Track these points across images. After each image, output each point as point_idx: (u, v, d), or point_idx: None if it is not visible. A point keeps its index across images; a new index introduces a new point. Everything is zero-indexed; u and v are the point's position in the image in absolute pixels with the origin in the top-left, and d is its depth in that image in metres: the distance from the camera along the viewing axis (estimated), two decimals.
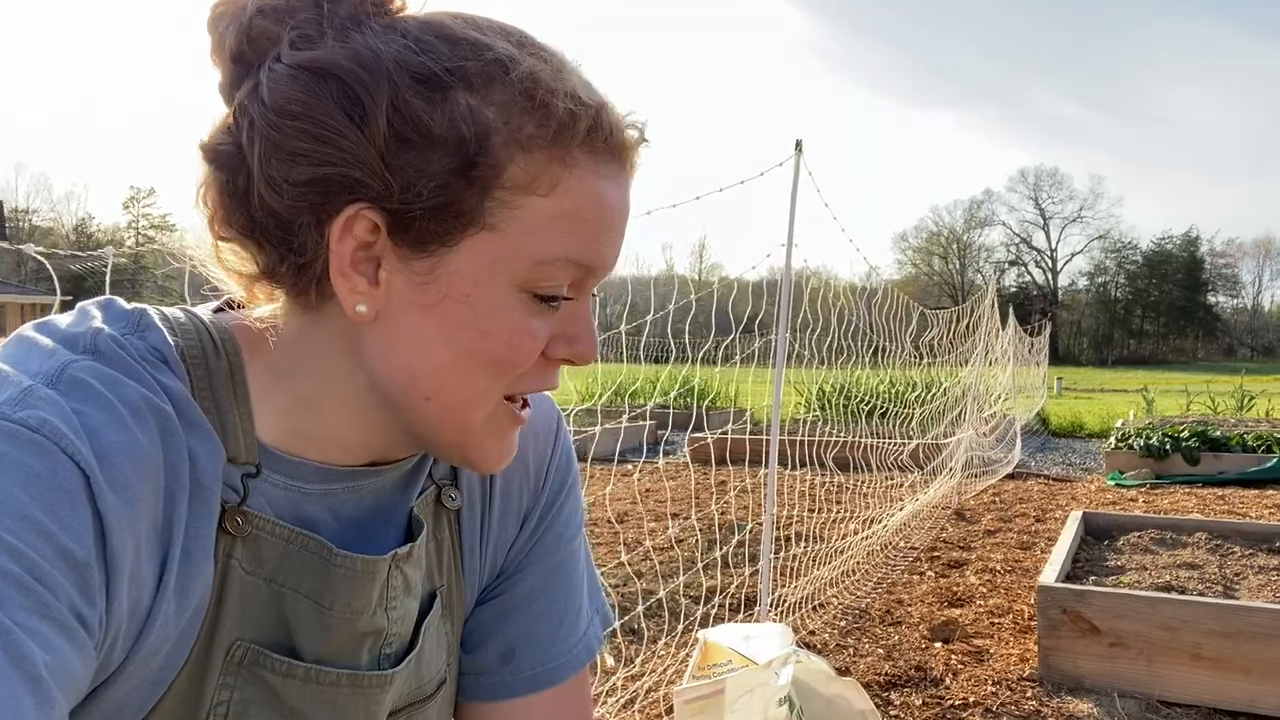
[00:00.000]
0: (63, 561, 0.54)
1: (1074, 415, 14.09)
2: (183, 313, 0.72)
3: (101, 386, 0.61)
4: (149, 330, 0.68)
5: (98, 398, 0.60)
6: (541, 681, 0.85)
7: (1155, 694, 3.02)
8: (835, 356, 4.48)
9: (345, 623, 0.72)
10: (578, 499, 0.92)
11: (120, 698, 0.62)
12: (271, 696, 0.69)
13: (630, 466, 7.01)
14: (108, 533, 0.57)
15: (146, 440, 0.61)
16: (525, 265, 0.65)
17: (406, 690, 0.79)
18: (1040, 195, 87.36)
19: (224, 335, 0.71)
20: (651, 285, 3.82)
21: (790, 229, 3.13)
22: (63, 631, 0.53)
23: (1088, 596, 3.15)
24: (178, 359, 0.67)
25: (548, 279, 0.66)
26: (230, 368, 0.70)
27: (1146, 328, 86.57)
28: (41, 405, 0.57)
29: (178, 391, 0.65)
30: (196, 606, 0.65)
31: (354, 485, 0.74)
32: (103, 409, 0.60)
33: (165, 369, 0.66)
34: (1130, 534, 4.45)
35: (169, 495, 0.62)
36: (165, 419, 0.63)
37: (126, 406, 0.61)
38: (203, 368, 0.68)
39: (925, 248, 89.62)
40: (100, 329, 0.65)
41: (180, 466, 0.63)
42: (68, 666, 0.53)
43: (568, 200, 0.64)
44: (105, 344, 0.64)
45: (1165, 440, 8.51)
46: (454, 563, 0.83)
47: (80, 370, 0.61)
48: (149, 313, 0.70)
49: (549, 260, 0.65)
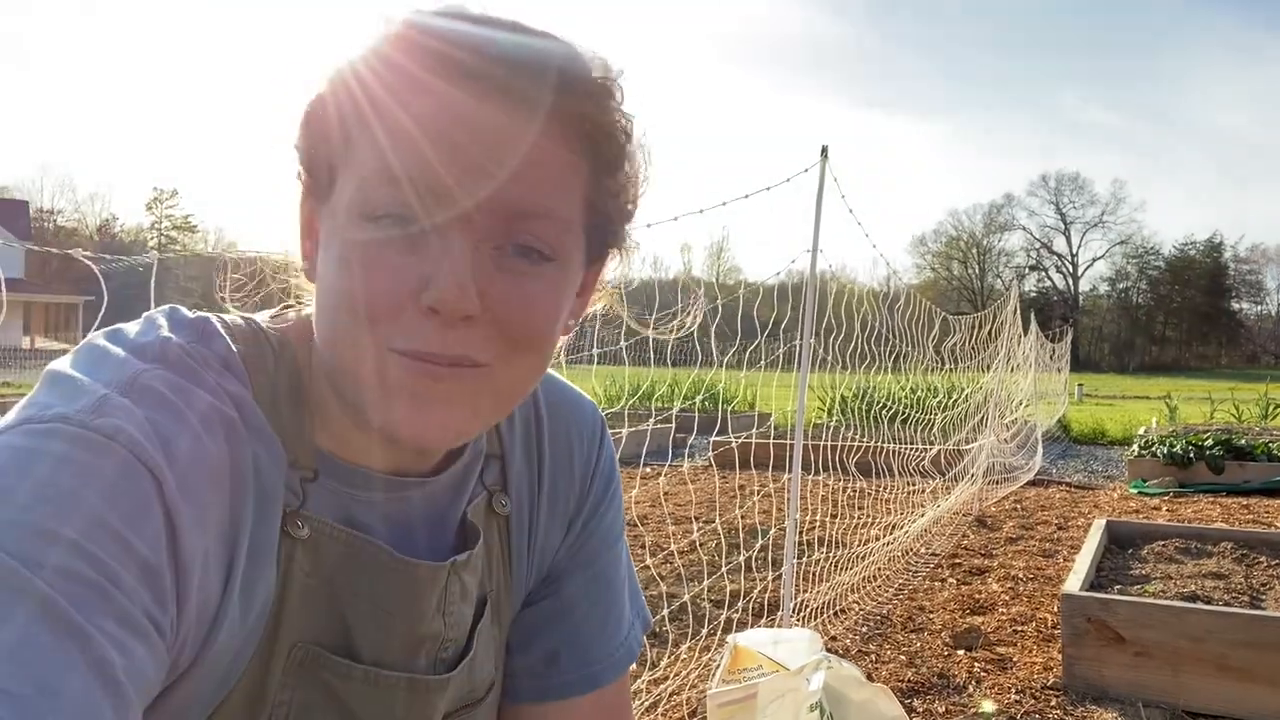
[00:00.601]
0: (137, 567, 0.55)
1: (1096, 422, 13.98)
2: (243, 320, 0.74)
3: (172, 395, 0.63)
4: (213, 338, 0.70)
5: (169, 406, 0.62)
6: (585, 684, 0.87)
7: (1181, 704, 3.00)
8: (858, 362, 4.47)
9: (405, 627, 0.74)
10: (619, 503, 0.93)
11: (187, 697, 0.64)
12: (331, 698, 0.71)
13: (652, 469, 7.02)
14: (179, 538, 0.58)
15: (215, 448, 0.63)
16: (355, 188, 0.64)
17: (460, 694, 0.81)
18: (1061, 200, 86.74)
19: (282, 341, 0.73)
20: (677, 289, 3.82)
21: (815, 235, 3.13)
22: (138, 635, 0.54)
23: (1113, 605, 3.13)
24: (240, 366, 0.69)
25: (371, 200, 0.63)
26: (289, 374, 0.72)
27: (1169, 334, 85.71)
28: (117, 413, 0.59)
29: (243, 398, 0.67)
30: (261, 609, 0.66)
31: (403, 495, 0.75)
32: (173, 417, 0.62)
33: (230, 376, 0.68)
34: (1155, 543, 4.42)
35: (235, 500, 0.64)
36: (232, 426, 0.65)
37: (196, 414, 0.63)
38: (263, 374, 0.70)
39: (944, 252, 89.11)
40: (169, 338, 0.67)
41: (246, 472, 0.65)
42: (143, 669, 0.54)
43: (391, 117, 0.63)
44: (174, 353, 0.66)
45: (1189, 448, 8.43)
46: (503, 568, 0.84)
47: (151, 379, 0.63)
48: (212, 320, 0.72)
49: (367, 176, 0.63)
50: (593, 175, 0.68)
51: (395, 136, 0.62)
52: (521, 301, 0.65)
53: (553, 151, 0.64)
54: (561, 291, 0.68)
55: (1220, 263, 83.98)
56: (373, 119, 0.63)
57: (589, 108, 0.66)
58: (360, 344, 0.64)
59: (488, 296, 0.63)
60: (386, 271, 0.62)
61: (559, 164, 0.65)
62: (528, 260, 0.65)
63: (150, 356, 0.65)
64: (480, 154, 0.62)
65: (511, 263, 0.65)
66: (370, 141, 0.63)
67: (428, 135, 0.61)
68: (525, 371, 0.69)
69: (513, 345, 0.66)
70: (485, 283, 0.63)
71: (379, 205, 0.62)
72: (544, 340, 0.68)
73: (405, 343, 0.63)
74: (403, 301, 0.62)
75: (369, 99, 0.63)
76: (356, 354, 0.64)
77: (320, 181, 0.68)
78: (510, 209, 0.63)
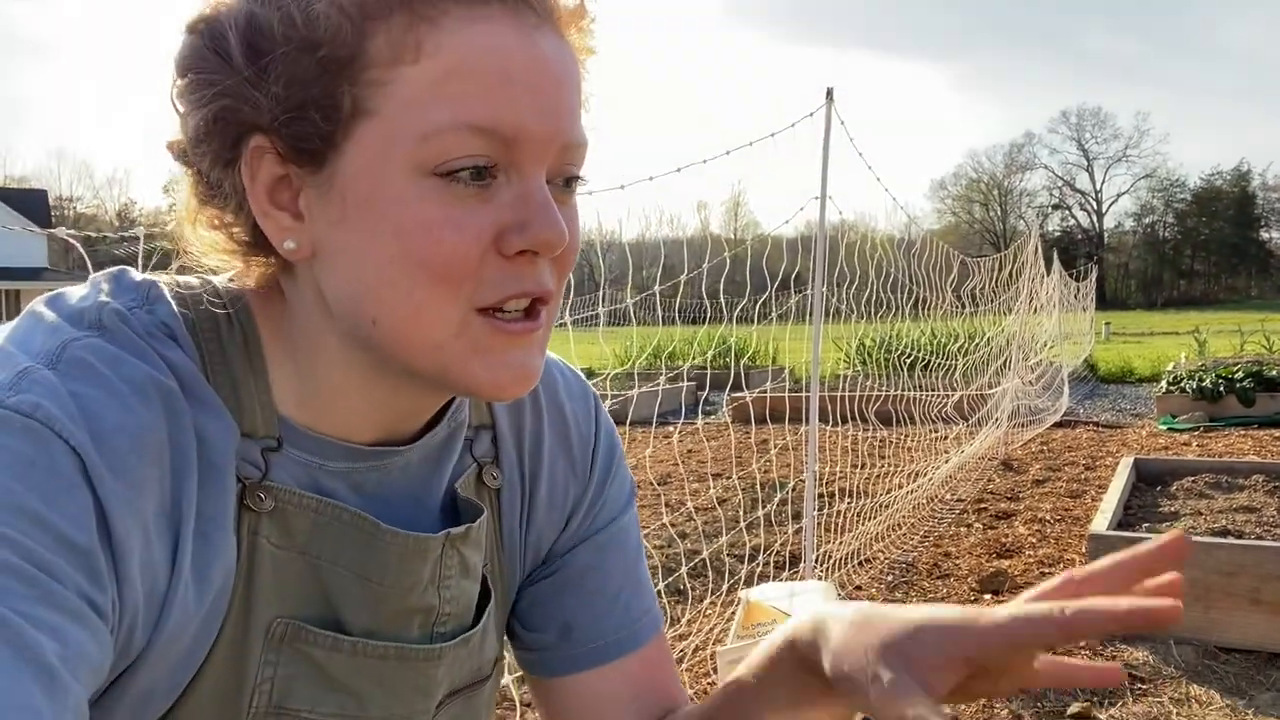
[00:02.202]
0: (64, 549, 0.53)
1: (1123, 360, 13.82)
2: (198, 282, 0.70)
3: (103, 365, 0.59)
4: (158, 303, 0.66)
5: (98, 377, 0.58)
6: (604, 654, 0.84)
7: (1213, 639, 2.96)
8: (875, 310, 4.41)
9: (394, 597, 0.71)
10: (624, 476, 0.90)
11: (149, 682, 0.62)
12: (317, 671, 0.68)
13: (670, 428, 7.01)
14: (109, 517, 0.55)
15: (150, 420, 0.59)
16: (413, 143, 0.57)
17: (467, 671, 0.79)
18: (1083, 135, 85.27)
19: (238, 304, 0.69)
20: (685, 246, 3.77)
21: (824, 180, 3.06)
22: (74, 618, 0.52)
23: (1141, 544, 3.08)
24: (186, 332, 0.65)
25: (444, 154, 0.58)
26: (245, 339, 0.67)
27: (1197, 267, 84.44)
28: (35, 389, 0.56)
29: (184, 367, 0.63)
30: (220, 587, 0.63)
31: (378, 464, 0.72)
32: (103, 389, 0.58)
33: (172, 344, 0.64)
34: (1184, 479, 4.36)
35: (176, 477, 0.60)
36: (170, 397, 0.61)
37: (129, 385, 0.59)
38: (215, 340, 0.66)
39: (965, 195, 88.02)
40: (106, 303, 0.63)
41: (187, 445, 0.61)
42: (83, 652, 0.52)
43: (441, 59, 0.57)
44: (110, 319, 0.62)
45: (1219, 381, 8.31)
46: (495, 542, 0.81)
47: (82, 349, 0.59)
48: (159, 284, 0.68)
49: (436, 131, 0.57)
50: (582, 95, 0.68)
51: (460, 71, 0.57)
52: (573, 230, 0.65)
53: (579, 74, 0.64)
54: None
55: (1248, 192, 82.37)
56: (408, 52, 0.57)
57: (590, 28, 0.66)
58: (442, 310, 0.60)
59: None
60: (467, 229, 0.59)
61: (581, 88, 0.65)
62: (568, 190, 0.65)
63: (86, 323, 0.62)
64: (550, 86, 0.60)
65: (560, 193, 0.64)
66: (414, 80, 0.57)
67: (499, 69, 0.58)
68: (559, 305, 0.69)
69: (561, 275, 0.66)
70: None
71: (452, 157, 0.58)
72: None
73: (495, 294, 0.61)
74: (483, 254, 0.60)
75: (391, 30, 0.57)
76: (439, 321, 0.61)
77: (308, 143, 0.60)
78: (574, 143, 0.63)
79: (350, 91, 0.58)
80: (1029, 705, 2.61)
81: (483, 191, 0.59)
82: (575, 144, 0.63)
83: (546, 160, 0.61)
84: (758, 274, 3.15)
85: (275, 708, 0.67)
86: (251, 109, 0.59)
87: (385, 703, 0.72)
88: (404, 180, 0.58)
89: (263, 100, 0.59)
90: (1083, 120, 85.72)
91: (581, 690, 0.84)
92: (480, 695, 0.82)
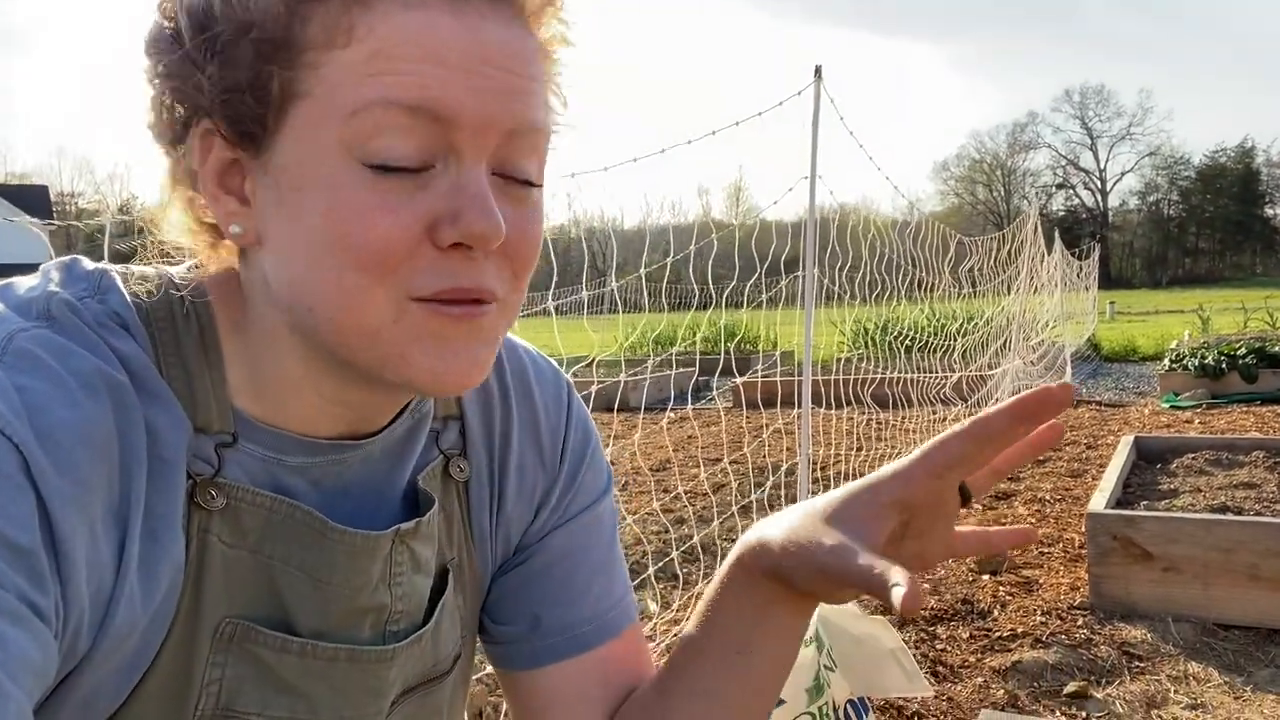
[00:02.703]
0: (5, 550, 0.51)
1: (1127, 339, 13.76)
2: (153, 270, 0.68)
3: (49, 358, 0.57)
4: (109, 292, 0.64)
5: (44, 370, 0.56)
6: (573, 646, 0.82)
7: (1211, 617, 2.94)
8: (870, 291, 4.38)
9: (344, 597, 0.69)
10: (599, 467, 0.88)
11: (94, 684, 0.60)
12: (266, 673, 0.66)
13: (667, 413, 7.00)
14: (53, 517, 0.53)
15: (97, 415, 0.57)
16: (341, 122, 0.56)
17: (421, 668, 0.76)
18: (1086, 114, 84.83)
19: (196, 295, 0.66)
20: (671, 231, 3.75)
21: (813, 160, 3.03)
22: (15, 621, 0.50)
23: (1139, 522, 3.07)
24: (139, 323, 0.63)
25: (373, 135, 0.56)
26: (201, 330, 0.65)
27: (1201, 245, 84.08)
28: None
29: (136, 358, 0.61)
30: (169, 587, 0.61)
31: (337, 459, 0.70)
32: (49, 382, 0.56)
33: (123, 334, 0.62)
34: (1184, 456, 4.33)
35: (124, 473, 0.58)
36: (120, 390, 0.59)
37: (76, 378, 0.57)
38: (170, 331, 0.64)
39: (968, 176, 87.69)
40: (55, 293, 0.61)
41: (136, 441, 0.59)
42: (25, 657, 0.50)
43: (372, 40, 0.55)
44: (59, 309, 0.60)
45: (1221, 358, 8.26)
46: (464, 534, 0.79)
47: (28, 340, 0.57)
48: (111, 273, 0.66)
49: (363, 110, 0.55)
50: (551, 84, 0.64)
51: (391, 52, 0.55)
52: (526, 227, 0.62)
53: (538, 59, 0.61)
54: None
55: (1252, 169, 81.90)
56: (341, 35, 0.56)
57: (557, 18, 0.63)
58: (373, 297, 0.58)
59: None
60: (398, 214, 0.57)
61: (541, 73, 0.61)
62: (518, 183, 0.62)
63: (34, 314, 0.60)
64: (491, 69, 0.57)
65: (508, 187, 0.61)
66: (347, 62, 0.56)
67: (432, 49, 0.56)
68: (519, 302, 0.66)
69: (516, 273, 0.63)
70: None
71: (379, 138, 0.56)
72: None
73: (428, 286, 0.58)
74: (416, 243, 0.57)
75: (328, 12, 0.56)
76: (371, 309, 0.58)
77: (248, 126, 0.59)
78: (520, 128, 0.59)
79: (281, 74, 0.56)
80: (1025, 685, 2.60)
81: (417, 177, 0.57)
82: (523, 131, 0.60)
83: (487, 148, 0.58)
84: (752, 257, 3.13)
85: (223, 710, 0.65)
86: (195, 91, 0.58)
87: (336, 704, 0.70)
88: (334, 162, 0.56)
89: (204, 82, 0.58)
90: (1086, 98, 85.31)
91: (550, 683, 0.82)
92: (439, 692, 0.80)
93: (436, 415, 0.77)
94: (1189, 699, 2.48)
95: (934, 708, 2.47)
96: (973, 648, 2.87)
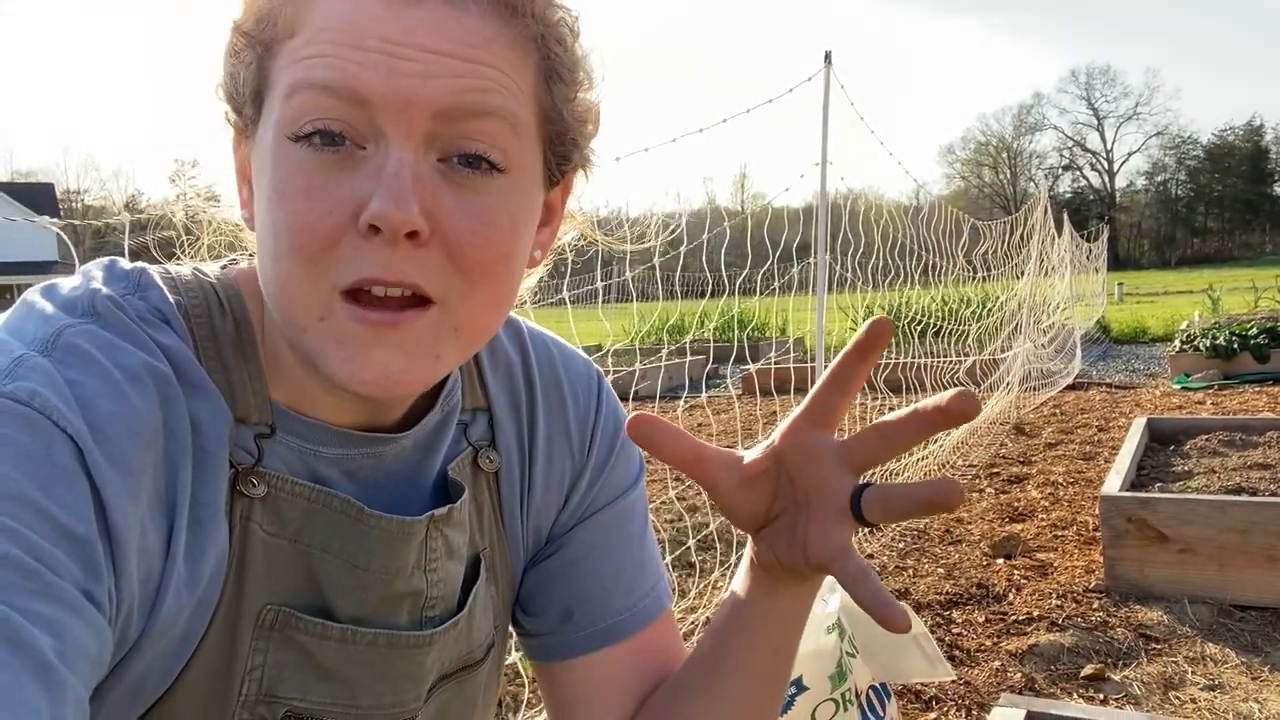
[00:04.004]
0: (63, 539, 0.52)
1: (1136, 320, 13.71)
2: (189, 270, 0.70)
3: (97, 352, 0.59)
4: (149, 289, 0.66)
5: (93, 365, 0.58)
6: (605, 637, 0.82)
7: (1228, 598, 2.94)
8: (882, 277, 4.37)
9: (381, 583, 0.70)
10: (630, 457, 0.88)
11: (141, 670, 0.61)
12: (307, 659, 0.68)
13: (679, 402, 7.00)
14: (107, 506, 0.55)
15: (145, 408, 0.58)
16: (279, 106, 0.58)
17: (457, 655, 0.78)
18: (1093, 94, 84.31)
19: (230, 291, 0.69)
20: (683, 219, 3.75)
21: (824, 145, 3.03)
22: (72, 611, 0.51)
23: (1153, 504, 3.06)
24: (179, 318, 0.65)
25: (298, 116, 0.57)
26: (236, 325, 0.67)
27: (1210, 225, 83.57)
28: (32, 376, 0.55)
29: (178, 352, 0.63)
30: (213, 573, 0.63)
31: (372, 451, 0.71)
32: (98, 377, 0.58)
33: (166, 329, 0.64)
34: (1197, 437, 4.32)
35: (170, 463, 0.60)
36: (165, 383, 0.60)
37: (123, 373, 0.59)
38: (207, 326, 0.66)
39: (974, 159, 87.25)
40: (98, 290, 0.63)
41: (182, 432, 0.61)
42: (82, 646, 0.51)
43: (308, 29, 0.58)
44: (104, 306, 0.62)
45: (1232, 339, 8.23)
46: (495, 525, 0.80)
47: (76, 335, 0.59)
48: (149, 271, 0.68)
49: (293, 90, 0.57)
50: (542, 75, 0.63)
51: (316, 38, 0.57)
52: (473, 220, 0.59)
53: (496, 44, 0.59)
54: (518, 210, 0.62)
55: (1261, 146, 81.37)
56: (292, 27, 0.59)
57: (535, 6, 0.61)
58: (305, 288, 0.58)
59: (435, 215, 0.58)
60: (321, 197, 0.57)
61: (503, 59, 0.59)
62: (476, 171, 0.59)
63: (79, 311, 0.61)
64: (415, 51, 0.56)
65: (460, 175, 0.59)
66: (290, 51, 0.58)
67: (352, 33, 0.57)
68: (485, 305, 0.63)
69: (466, 274, 0.60)
70: (431, 199, 0.58)
71: (303, 119, 0.57)
72: (501, 266, 0.62)
73: (348, 276, 0.57)
74: (341, 228, 0.57)
75: (288, 6, 0.59)
76: (302, 301, 0.59)
77: (246, 114, 0.63)
78: (453, 109, 0.57)
79: (260, 66, 0.61)
80: (1041, 669, 2.60)
81: (345, 160, 0.58)
82: (469, 110, 0.58)
83: (414, 131, 0.57)
84: (763, 245, 3.12)
85: (265, 696, 0.67)
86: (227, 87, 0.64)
87: (376, 690, 0.71)
88: (275, 146, 0.59)
89: (226, 79, 0.64)
90: (1092, 79, 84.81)
91: (583, 673, 0.83)
92: (474, 680, 0.81)
93: (465, 407, 0.78)
94: (1206, 680, 2.48)
95: (951, 692, 2.48)
96: (988, 632, 2.88)
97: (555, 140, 0.66)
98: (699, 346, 9.64)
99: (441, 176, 0.59)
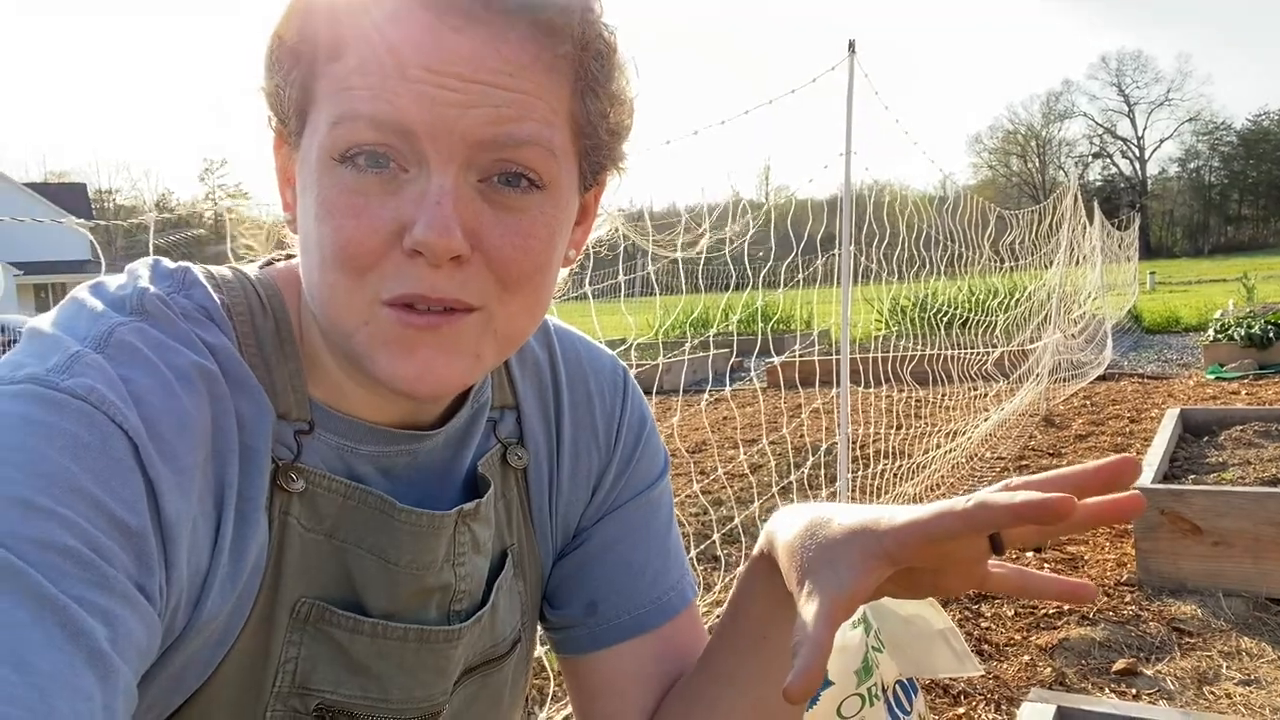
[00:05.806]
0: (118, 532, 0.53)
1: (1169, 310, 13.52)
2: (229, 269, 0.72)
3: (148, 350, 0.60)
4: (194, 288, 0.68)
5: (144, 363, 0.60)
6: (629, 629, 0.84)
7: (1263, 591, 2.90)
8: (908, 268, 4.34)
9: (412, 578, 0.72)
10: (655, 451, 0.89)
11: (183, 661, 0.63)
12: (339, 653, 0.69)
13: (704, 395, 6.99)
14: (160, 500, 0.56)
15: (194, 405, 0.60)
16: (326, 130, 0.59)
17: (481, 648, 0.79)
18: (1123, 80, 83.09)
19: (270, 290, 0.71)
20: (705, 211, 3.73)
21: (848, 136, 3.00)
22: (125, 602, 0.52)
23: (1187, 496, 3.02)
24: (224, 316, 0.67)
25: (343, 140, 0.59)
26: (277, 323, 0.69)
27: (1245, 212, 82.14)
28: (88, 372, 0.57)
29: (224, 350, 0.65)
30: (253, 567, 0.65)
31: (406, 449, 0.73)
32: (150, 374, 0.59)
33: (211, 326, 0.66)
34: (1232, 428, 4.25)
35: (219, 459, 0.62)
36: (212, 381, 0.62)
37: (173, 371, 0.61)
38: (249, 324, 0.68)
39: (1002, 148, 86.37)
40: (146, 289, 0.65)
41: (229, 429, 0.63)
42: (133, 637, 0.53)
43: (352, 55, 0.59)
44: (152, 304, 0.64)
45: (1268, 327, 8.09)
46: (524, 521, 0.82)
47: (127, 333, 0.61)
48: (193, 270, 0.70)
49: (340, 119, 0.59)
50: (578, 94, 0.64)
51: (363, 68, 0.58)
52: (513, 237, 0.61)
53: (533, 70, 0.60)
54: (555, 222, 0.64)
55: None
56: (337, 49, 0.59)
57: (568, 21, 0.61)
58: (350, 297, 0.61)
59: (476, 234, 0.60)
60: (365, 217, 0.59)
61: (539, 84, 0.61)
62: (516, 190, 0.61)
63: (128, 309, 0.63)
64: (456, 81, 0.58)
65: (500, 195, 0.61)
66: (334, 76, 0.59)
67: (397, 63, 0.58)
68: (523, 310, 0.65)
69: (505, 284, 0.62)
70: (472, 219, 0.60)
71: (349, 145, 0.59)
72: (539, 276, 0.64)
73: (392, 290, 0.60)
74: (386, 247, 0.59)
75: (331, 27, 0.60)
76: (347, 308, 0.61)
77: (290, 126, 0.64)
78: (490, 140, 0.59)
79: (304, 81, 0.61)
80: (1072, 663, 2.57)
81: (389, 182, 0.60)
82: (509, 140, 0.59)
83: (455, 157, 0.59)
84: (787, 236, 3.10)
85: (298, 688, 0.68)
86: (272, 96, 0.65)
87: (405, 684, 0.73)
88: (321, 166, 0.60)
89: (270, 87, 0.65)
90: (1123, 65, 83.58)
91: (607, 666, 0.84)
92: (499, 674, 0.82)
93: (494, 405, 0.80)
94: (1242, 674, 2.44)
95: (980, 686, 2.46)
96: (1018, 625, 2.85)
97: (590, 151, 0.67)
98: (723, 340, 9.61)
99: (482, 196, 0.61)
